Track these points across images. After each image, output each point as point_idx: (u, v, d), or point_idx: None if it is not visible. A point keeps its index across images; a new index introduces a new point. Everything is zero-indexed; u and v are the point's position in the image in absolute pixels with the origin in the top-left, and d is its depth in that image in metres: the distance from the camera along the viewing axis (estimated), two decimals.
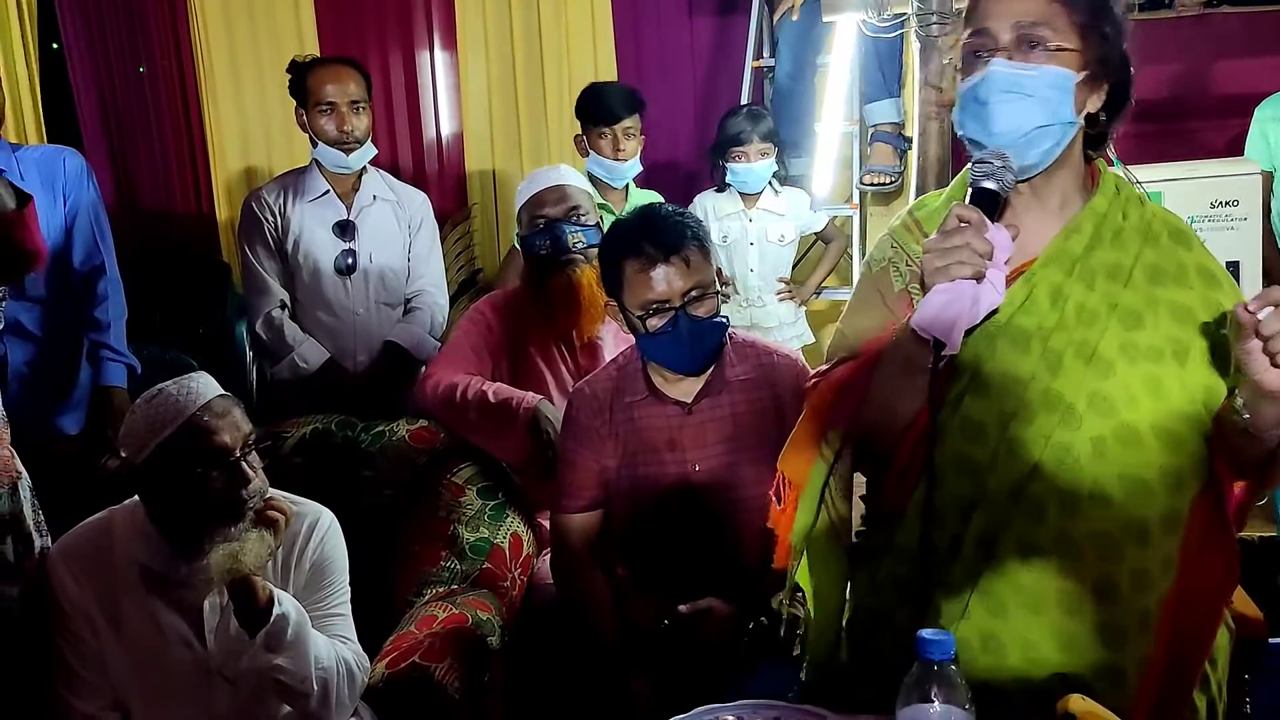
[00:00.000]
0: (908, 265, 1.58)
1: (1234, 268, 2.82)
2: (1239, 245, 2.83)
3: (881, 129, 3.90)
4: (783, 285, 3.79)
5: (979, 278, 1.36)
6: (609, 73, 4.37)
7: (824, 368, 1.65)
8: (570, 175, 2.71)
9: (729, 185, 3.68)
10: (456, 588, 2.33)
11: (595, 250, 2.55)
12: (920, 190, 2.59)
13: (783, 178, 3.71)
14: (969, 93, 1.47)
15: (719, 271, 2.15)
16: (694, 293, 2.06)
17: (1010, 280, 1.48)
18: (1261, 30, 3.63)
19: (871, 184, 3.92)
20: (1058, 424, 1.46)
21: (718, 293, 2.12)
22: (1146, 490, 1.46)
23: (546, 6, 4.42)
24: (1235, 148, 3.50)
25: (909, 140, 3.89)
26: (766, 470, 2.13)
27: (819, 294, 3.99)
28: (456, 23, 4.50)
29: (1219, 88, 3.94)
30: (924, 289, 1.39)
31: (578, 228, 2.61)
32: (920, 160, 2.59)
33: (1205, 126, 3.98)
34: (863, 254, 4.05)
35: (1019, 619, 1.47)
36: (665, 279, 2.05)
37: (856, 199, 4.03)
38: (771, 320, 3.68)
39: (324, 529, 1.95)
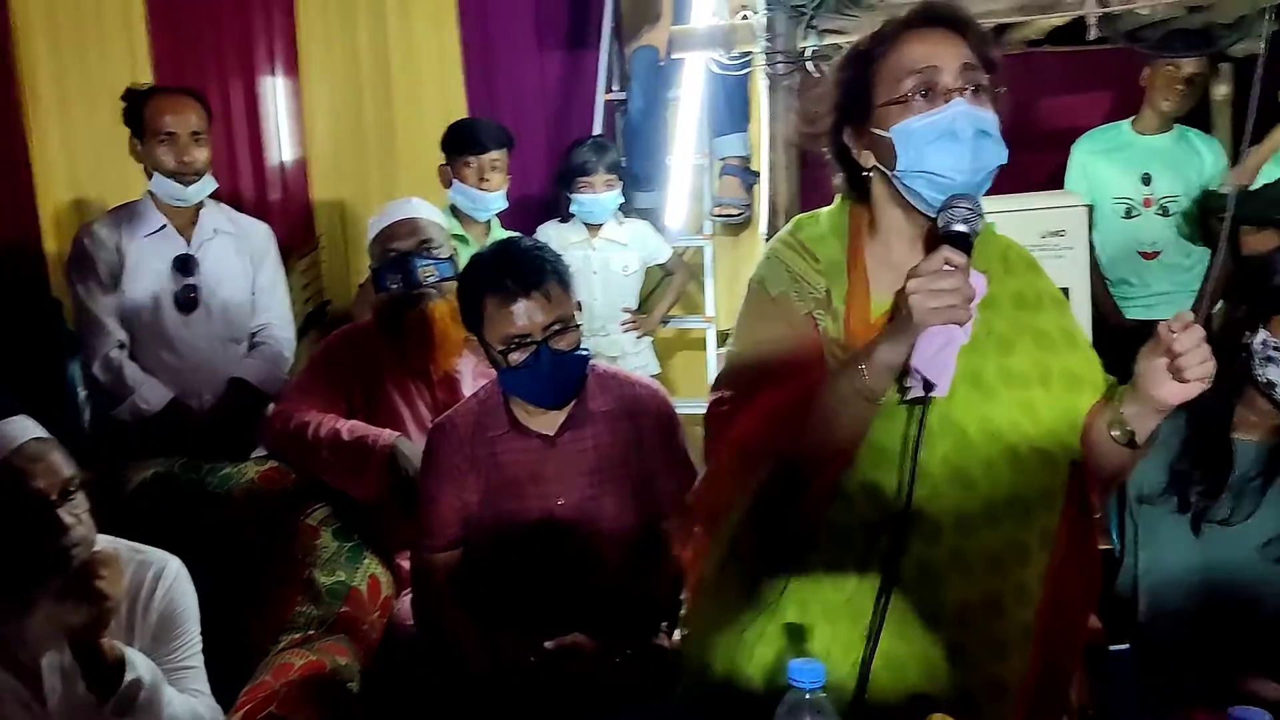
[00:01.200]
0: (810, 291, 1.59)
1: (1064, 294, 2.97)
2: (1067, 273, 2.98)
3: (730, 162, 3.99)
4: (628, 315, 3.85)
5: (966, 321, 1.40)
6: (459, 103, 4.35)
7: (724, 395, 1.61)
8: (422, 208, 2.68)
9: (573, 216, 3.73)
10: (313, 633, 2.26)
11: (449, 283, 2.53)
12: (772, 224, 2.66)
13: (637, 210, 3.77)
14: (930, 128, 1.48)
15: (579, 304, 2.16)
16: (556, 327, 2.06)
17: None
18: (1079, 69, 3.85)
19: (721, 215, 4.00)
20: (953, 447, 1.51)
21: (579, 326, 2.13)
22: (1028, 509, 1.55)
23: (394, 34, 4.37)
24: (1055, 180, 3.70)
25: (756, 174, 3.99)
26: (630, 502, 2.16)
27: (666, 323, 4.07)
28: (299, 48, 4.40)
29: (1040, 123, 4.16)
30: (898, 328, 1.40)
31: (430, 261, 2.58)
32: (771, 194, 2.65)
33: (1028, 160, 4.17)
34: (715, 284, 4.14)
35: (918, 638, 1.52)
36: (526, 313, 2.04)
37: (708, 230, 4.11)
38: (615, 350, 3.72)
39: (170, 578, 1.86)
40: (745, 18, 2.70)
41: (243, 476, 2.48)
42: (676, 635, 2.07)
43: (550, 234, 3.73)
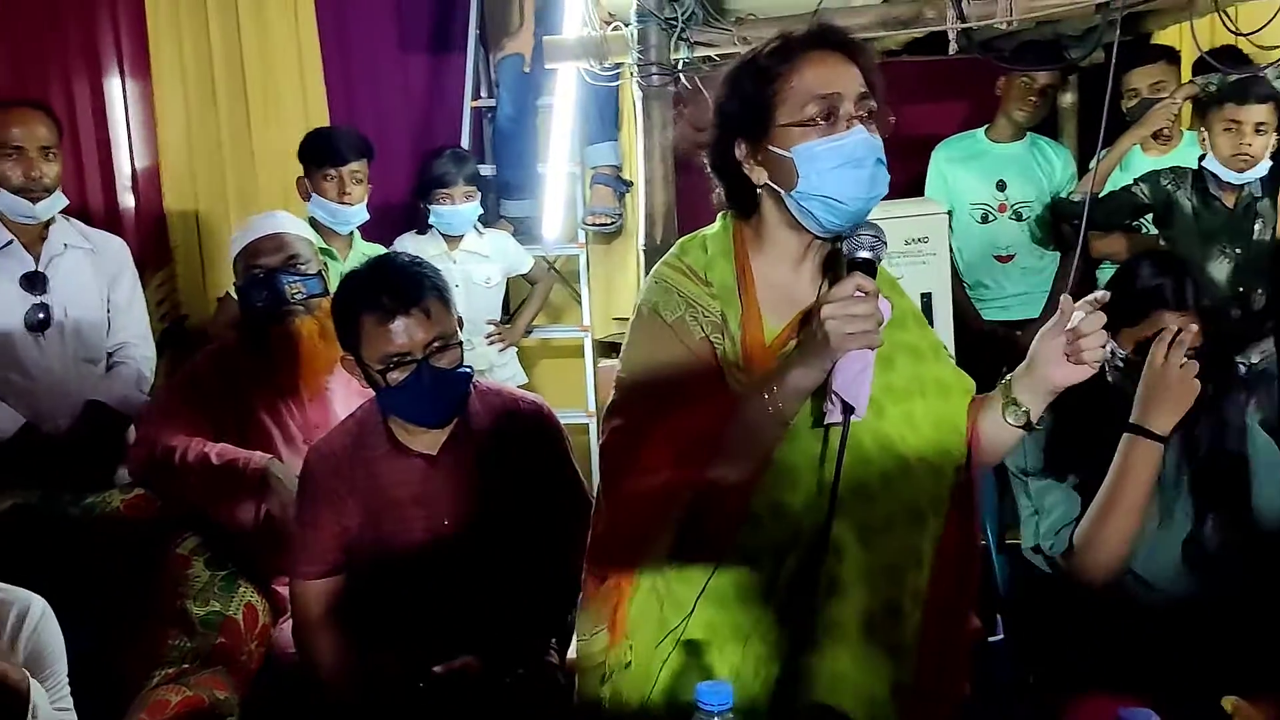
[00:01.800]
0: (705, 315, 1.60)
1: (927, 299, 3.08)
2: (931, 278, 3.09)
3: (601, 171, 4.00)
4: (492, 328, 3.83)
5: (880, 345, 1.44)
6: (319, 110, 4.24)
7: (622, 423, 1.60)
8: (288, 222, 2.61)
9: (431, 227, 3.70)
10: (189, 667, 2.17)
11: (317, 300, 2.47)
12: (649, 235, 2.66)
13: (509, 218, 3.75)
14: (833, 153, 1.51)
15: (460, 320, 2.13)
16: (436, 344, 2.02)
17: (794, 328, 1.59)
18: (935, 78, 3.97)
19: (594, 225, 4.01)
20: (853, 463, 1.54)
21: (460, 343, 2.10)
22: (921, 517, 1.61)
23: (249, 36, 4.24)
24: (913, 187, 3.82)
25: (628, 183, 4.01)
26: (517, 520, 2.14)
27: (529, 333, 4.06)
28: (149, 50, 4.23)
29: (899, 130, 4.28)
30: (812, 353, 1.43)
31: (297, 277, 2.51)
32: (648, 206, 2.66)
33: (889, 167, 4.31)
34: (590, 292, 4.14)
35: (828, 651, 1.54)
36: (406, 331, 2.00)
37: (582, 239, 4.11)
38: (482, 363, 3.70)
39: (35, 619, 1.77)
40: (616, 29, 2.70)
41: (107, 505, 2.38)
42: (571, 653, 2.06)
43: (408, 246, 3.68)
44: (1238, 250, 3.05)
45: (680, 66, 2.62)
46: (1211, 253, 3.05)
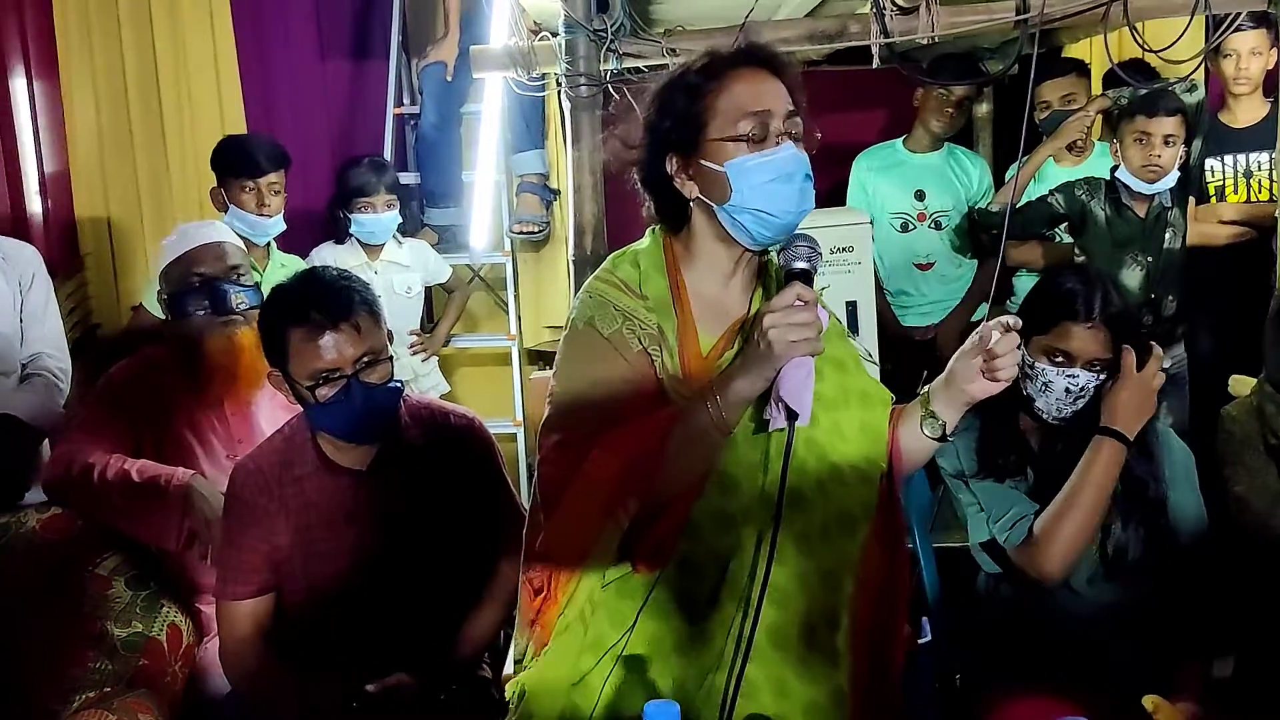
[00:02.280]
0: (643, 328, 1.61)
1: (853, 307, 3.12)
2: (856, 287, 3.13)
3: (528, 180, 3.99)
4: (414, 338, 3.81)
5: (821, 352, 1.47)
6: (236, 116, 4.16)
7: (562, 438, 1.60)
8: (227, 233, 2.58)
9: (350, 237, 3.66)
10: (110, 690, 2.10)
11: (254, 311, 2.42)
12: (578, 245, 2.67)
13: (434, 226, 3.73)
14: (765, 168, 1.54)
15: (390, 334, 2.11)
16: (366, 359, 2.00)
17: (729, 340, 1.62)
18: (856, 87, 4.03)
19: (521, 233, 3.99)
20: (791, 471, 1.55)
21: (391, 357, 2.08)
22: (853, 523, 1.66)
23: (163, 39, 4.15)
24: (836, 195, 3.88)
25: (555, 191, 4.01)
26: (450, 535, 2.13)
27: (448, 342, 4.04)
28: (58, 50, 4.10)
29: (822, 139, 4.34)
30: (755, 362, 1.46)
31: (239, 288, 2.46)
32: (577, 216, 2.66)
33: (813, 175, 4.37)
34: (518, 301, 4.13)
35: (770, 659, 1.57)
36: (335, 347, 1.97)
37: (509, 247, 4.09)
38: (406, 373, 3.67)
39: None
40: (544, 39, 2.70)
41: (22, 525, 2.29)
42: (507, 669, 2.05)
43: (326, 256, 3.64)
44: (1150, 258, 3.15)
45: (609, 77, 2.62)
46: (1124, 261, 3.14)
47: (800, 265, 1.52)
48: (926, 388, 1.71)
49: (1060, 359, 1.97)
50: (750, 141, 1.56)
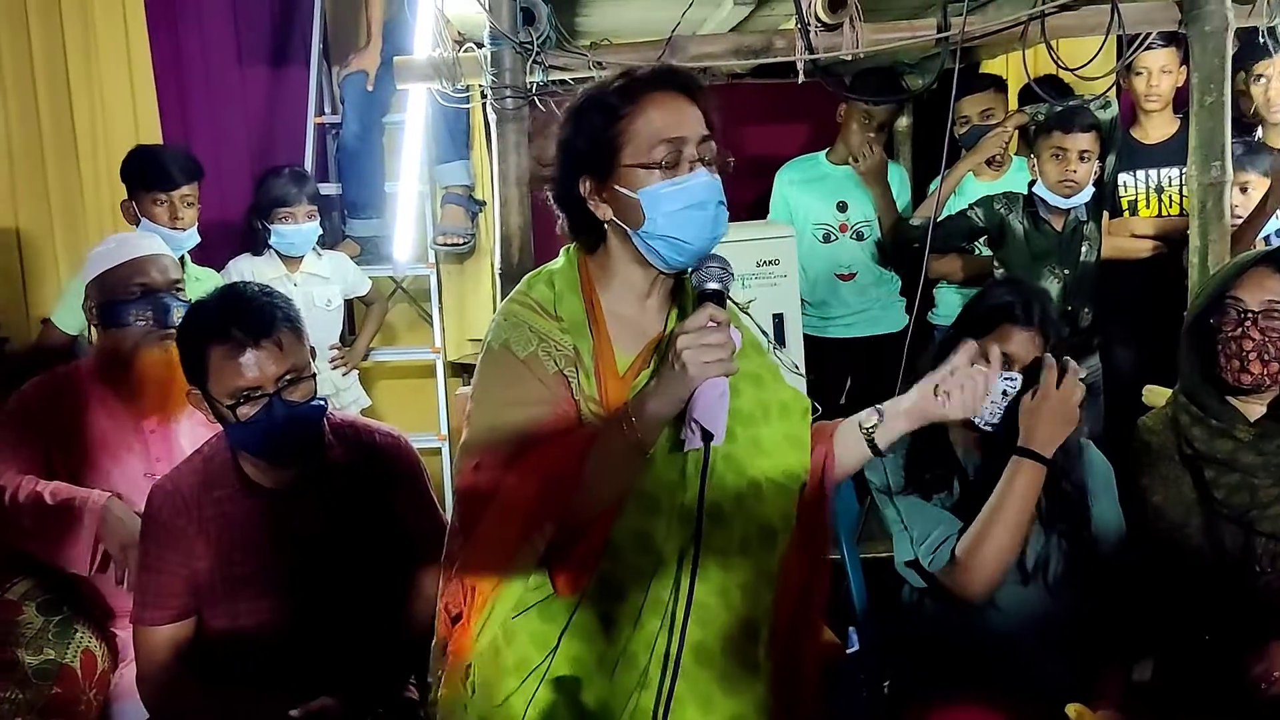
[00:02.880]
0: (559, 350, 1.61)
1: (779, 319, 3.14)
2: (781, 299, 3.15)
3: (452, 191, 3.96)
4: (334, 351, 3.75)
5: (735, 372, 1.48)
6: (152, 125, 4.06)
7: (481, 460, 1.59)
8: (164, 246, 2.52)
9: (269, 249, 3.60)
10: None
11: None
12: (505, 258, 2.64)
13: (355, 237, 3.68)
14: (678, 196, 1.55)
15: (313, 350, 2.07)
16: (289, 377, 1.96)
17: (645, 360, 1.62)
18: (780, 100, 4.07)
19: (445, 245, 3.96)
20: (710, 487, 1.56)
21: (314, 375, 2.04)
22: (773, 536, 1.67)
23: (75, 47, 4.02)
24: (759, 207, 3.91)
25: (480, 202, 3.98)
26: (374, 556, 2.09)
27: (368, 355, 4.00)
28: None
29: (743, 152, 4.39)
30: (669, 383, 1.46)
31: (180, 303, 2.41)
32: (503, 228, 2.64)
33: (735, 187, 4.40)
34: (442, 314, 4.09)
35: (695, 676, 1.57)
36: (257, 364, 1.93)
37: (433, 259, 4.05)
38: (326, 388, 3.61)
39: None
40: (469, 50, 2.67)
41: None
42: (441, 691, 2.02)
43: (244, 269, 3.57)
44: (1066, 271, 3.21)
45: (534, 89, 2.61)
46: (1042, 273, 3.20)
47: (712, 286, 1.53)
48: (883, 403, 1.76)
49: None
50: (664, 168, 1.56)
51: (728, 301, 1.67)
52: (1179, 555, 2.03)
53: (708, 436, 1.49)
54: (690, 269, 1.58)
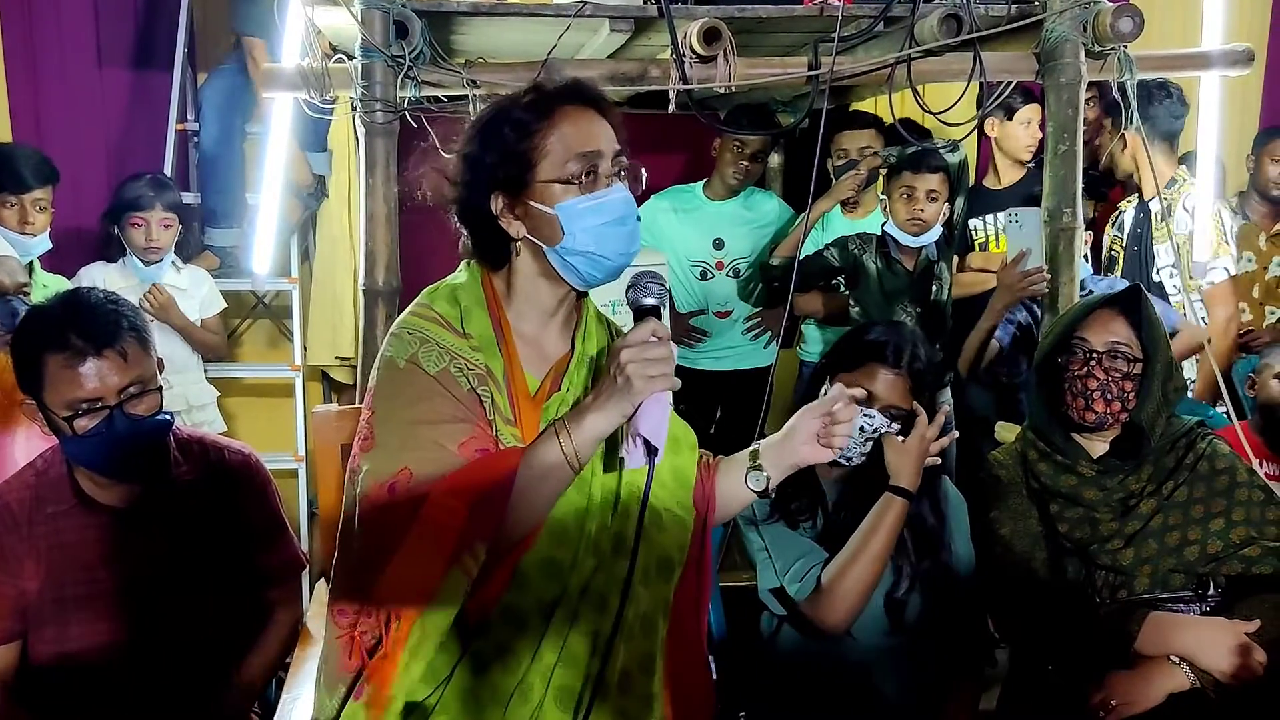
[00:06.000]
0: (470, 367, 1.56)
1: None
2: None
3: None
4: (191, 361, 3.63)
5: (678, 387, 1.46)
6: (1, 125, 3.85)
7: (384, 482, 1.51)
8: (10, 249, 2.38)
9: (126, 255, 3.46)
10: None
11: None
12: (369, 274, 2.58)
13: (214, 248, 3.57)
14: (596, 211, 1.53)
15: (160, 362, 1.98)
16: (132, 389, 1.87)
17: (555, 381, 1.60)
18: (657, 130, 4.09)
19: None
20: (613, 515, 1.55)
21: (160, 387, 1.95)
22: (671, 568, 1.65)
23: None
24: None
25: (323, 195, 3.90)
26: (222, 578, 2.00)
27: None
28: None
29: None
30: (611, 398, 1.44)
31: (26, 307, 2.28)
32: (369, 244, 2.58)
33: None
34: (304, 330, 3.97)
35: (595, 708, 1.53)
36: (97, 375, 1.84)
37: (295, 273, 3.94)
38: (179, 404, 3.47)
39: None
40: (339, 61, 2.61)
41: None
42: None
43: (96, 276, 3.43)
44: (918, 309, 3.29)
45: (406, 105, 2.56)
46: (894, 311, 3.27)
47: (650, 301, 1.53)
48: (758, 444, 1.75)
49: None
50: (581, 183, 1.54)
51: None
52: (1026, 586, 2.08)
53: (652, 452, 1.48)
54: (626, 286, 1.55)
